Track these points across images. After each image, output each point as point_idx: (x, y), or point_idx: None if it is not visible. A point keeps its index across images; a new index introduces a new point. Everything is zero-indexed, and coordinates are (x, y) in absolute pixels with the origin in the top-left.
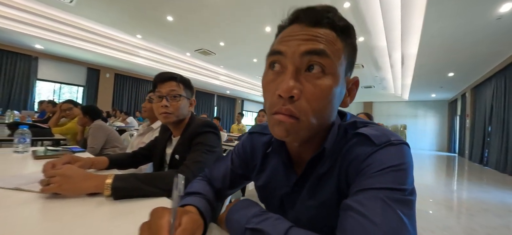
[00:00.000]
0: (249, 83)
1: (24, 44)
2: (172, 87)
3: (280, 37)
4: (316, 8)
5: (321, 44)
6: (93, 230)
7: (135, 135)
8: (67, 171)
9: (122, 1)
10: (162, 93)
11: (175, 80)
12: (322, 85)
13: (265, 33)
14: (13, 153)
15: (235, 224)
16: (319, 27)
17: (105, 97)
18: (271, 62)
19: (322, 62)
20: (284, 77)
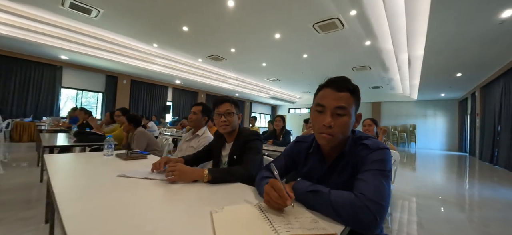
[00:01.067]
0: (257, 86)
1: (51, 55)
2: (227, 108)
3: (321, 95)
4: (340, 79)
5: (343, 103)
6: (198, 199)
7: (183, 140)
8: (182, 167)
9: (143, 15)
10: (220, 112)
11: (229, 102)
12: (343, 121)
13: (275, 39)
14: (103, 156)
15: (300, 189)
16: (342, 92)
17: (123, 102)
18: (317, 109)
19: (343, 111)
20: (326, 117)
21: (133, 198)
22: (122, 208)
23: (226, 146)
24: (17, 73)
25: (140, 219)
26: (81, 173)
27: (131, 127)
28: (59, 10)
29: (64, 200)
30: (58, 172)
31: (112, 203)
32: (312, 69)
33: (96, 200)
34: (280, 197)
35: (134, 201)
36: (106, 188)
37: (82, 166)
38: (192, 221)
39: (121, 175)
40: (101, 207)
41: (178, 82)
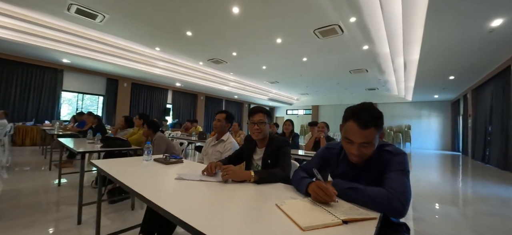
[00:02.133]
0: (256, 88)
1: (53, 59)
2: (260, 117)
3: (348, 129)
4: (365, 114)
5: (368, 139)
6: (247, 195)
7: (208, 144)
8: (233, 168)
9: (148, 20)
10: (254, 121)
11: (262, 113)
12: (369, 150)
13: (276, 43)
14: (144, 161)
15: (339, 187)
16: (367, 130)
17: (123, 105)
18: (346, 140)
19: (368, 144)
20: (353, 148)
21: (207, 195)
22: (209, 202)
23: (257, 151)
24: (18, 77)
25: (228, 211)
26: (145, 176)
27: (151, 132)
28: (64, 15)
29: (161, 199)
30: (124, 175)
31: (198, 199)
32: (311, 72)
33: (184, 197)
34: (327, 195)
35: (211, 197)
36: (178, 187)
37: (136, 169)
38: (264, 211)
39: (179, 178)
40: (192, 203)
41: (178, 85)
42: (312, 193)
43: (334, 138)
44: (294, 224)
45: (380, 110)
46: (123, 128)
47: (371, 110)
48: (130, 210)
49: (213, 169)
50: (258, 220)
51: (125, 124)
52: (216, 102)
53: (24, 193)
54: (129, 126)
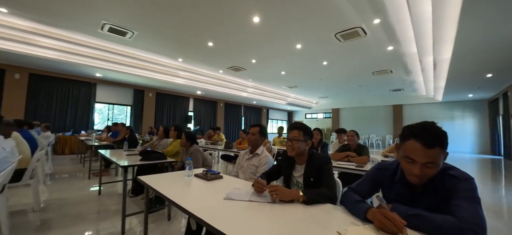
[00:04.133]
0: (274, 93)
1: (87, 74)
2: (295, 134)
3: (410, 147)
4: (430, 133)
5: (432, 159)
6: (301, 219)
7: (242, 158)
8: (281, 188)
9: (172, 34)
10: (289, 137)
11: (298, 129)
12: (432, 171)
13: (296, 49)
14: (186, 177)
15: (400, 213)
16: (432, 149)
17: (149, 114)
18: (407, 159)
19: (432, 165)
20: (415, 168)
21: (262, 219)
22: (267, 229)
23: (296, 167)
24: (58, 91)
25: None
26: (194, 195)
27: (188, 144)
28: (98, 33)
29: (222, 224)
30: (171, 192)
31: (255, 224)
32: (331, 75)
33: (241, 220)
34: (396, 226)
35: (268, 223)
36: (230, 208)
37: (182, 186)
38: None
39: (227, 198)
40: (251, 228)
41: (199, 92)
42: (376, 221)
43: (365, 146)
44: None
45: (442, 128)
46: (161, 138)
47: (436, 129)
48: (166, 221)
49: (263, 188)
50: None
51: (163, 135)
52: (235, 108)
53: (69, 202)
54: (166, 136)
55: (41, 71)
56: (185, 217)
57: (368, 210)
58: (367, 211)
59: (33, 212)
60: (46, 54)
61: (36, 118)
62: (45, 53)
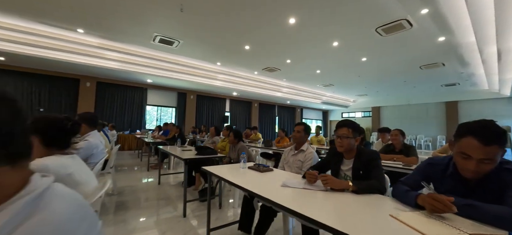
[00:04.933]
0: (309, 92)
1: (140, 80)
2: (344, 132)
3: (466, 144)
4: (489, 131)
5: (490, 156)
6: (355, 203)
7: (287, 154)
8: (332, 178)
9: (212, 41)
10: (338, 134)
11: (347, 127)
12: (489, 167)
13: (332, 47)
14: (241, 169)
15: (456, 202)
16: (490, 146)
17: (190, 115)
18: (462, 155)
19: (489, 161)
20: (471, 164)
21: (325, 202)
22: (331, 208)
23: (344, 162)
24: (117, 96)
25: (351, 217)
26: (258, 183)
27: (235, 141)
28: (150, 44)
29: (302, 208)
30: (238, 180)
31: (320, 205)
32: (371, 71)
33: (312, 204)
34: (446, 205)
35: (329, 205)
36: (293, 194)
37: (243, 176)
38: (382, 219)
39: (284, 185)
40: (321, 209)
41: (235, 94)
42: (427, 204)
43: (412, 146)
44: (416, 233)
45: (501, 127)
46: (213, 135)
47: (494, 127)
48: (218, 208)
49: (315, 178)
50: (384, 227)
51: (215, 132)
52: (269, 108)
53: (137, 189)
54: (217, 134)
55: (106, 80)
56: (233, 206)
57: (418, 196)
58: (417, 197)
59: (111, 195)
60: (110, 65)
61: (102, 119)
62: (109, 64)
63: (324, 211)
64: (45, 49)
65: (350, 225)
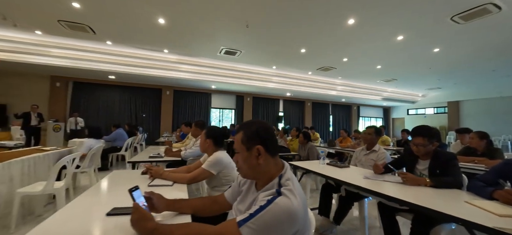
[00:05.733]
0: (367, 89)
1: (206, 87)
2: (419, 141)
3: None
4: None
5: None
6: (427, 190)
7: (359, 153)
8: (409, 174)
9: (270, 48)
10: (414, 143)
11: (422, 137)
12: None
13: (396, 41)
14: (320, 164)
15: None
16: None
17: (248, 116)
18: None
19: None
20: None
21: (400, 189)
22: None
23: (420, 162)
24: (188, 101)
25: (429, 200)
26: (345, 175)
27: (305, 141)
28: (216, 56)
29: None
30: (334, 174)
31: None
32: (446, 62)
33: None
34: None
35: (405, 190)
36: (370, 184)
37: (329, 169)
38: (460, 203)
39: (366, 178)
40: (400, 193)
41: (288, 94)
42: (502, 198)
43: (498, 149)
44: (489, 213)
45: None
46: (282, 136)
47: None
48: None
49: (380, 170)
50: (459, 208)
51: (282, 133)
52: (322, 107)
53: None
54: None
55: (180, 88)
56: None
57: (494, 192)
58: (493, 192)
59: None
60: (184, 76)
61: (178, 121)
62: (184, 75)
63: (405, 195)
64: (141, 67)
65: (428, 204)
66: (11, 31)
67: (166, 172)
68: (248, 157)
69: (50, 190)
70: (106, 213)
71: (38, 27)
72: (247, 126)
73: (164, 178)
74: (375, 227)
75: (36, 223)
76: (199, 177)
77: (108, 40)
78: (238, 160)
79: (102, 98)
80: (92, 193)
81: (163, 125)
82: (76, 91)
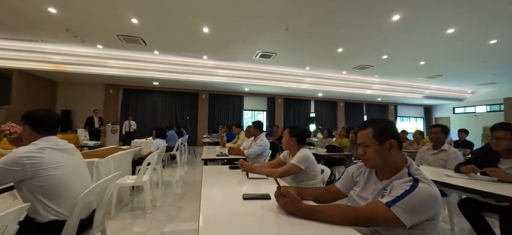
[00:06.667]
0: (407, 87)
1: (239, 89)
2: (500, 134)
3: None
4: None
5: None
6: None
7: (424, 153)
8: (499, 171)
9: (305, 49)
10: (494, 136)
11: (504, 130)
12: None
13: (446, 34)
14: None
15: None
16: None
17: (279, 117)
18: None
19: None
20: None
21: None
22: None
23: (502, 160)
24: (223, 103)
25: None
26: None
27: (355, 139)
28: (252, 59)
29: None
30: None
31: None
32: (502, 55)
33: None
34: None
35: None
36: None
37: None
38: None
39: (446, 176)
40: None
41: (320, 95)
42: None
43: None
44: None
45: None
46: (326, 137)
47: None
48: None
49: (472, 170)
50: None
51: (328, 134)
52: (356, 107)
53: None
54: (330, 136)
55: (215, 91)
56: None
57: None
58: None
59: None
60: (220, 80)
61: (213, 123)
62: (219, 79)
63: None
64: (181, 73)
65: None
66: (77, 46)
67: (257, 167)
68: (380, 150)
69: (140, 182)
70: (243, 197)
71: (100, 42)
72: (374, 122)
73: (256, 172)
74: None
75: (128, 210)
76: (290, 171)
77: (156, 50)
78: (366, 152)
79: (147, 102)
80: (208, 184)
81: (200, 127)
82: (126, 97)
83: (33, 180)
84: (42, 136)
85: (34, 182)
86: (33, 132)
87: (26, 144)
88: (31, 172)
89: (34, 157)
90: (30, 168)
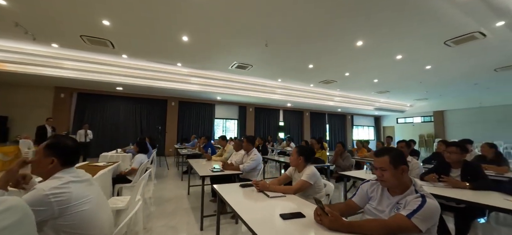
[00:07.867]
0: (362, 100)
1: (211, 98)
2: (453, 150)
3: None
4: None
5: None
6: (466, 191)
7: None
8: (452, 179)
9: (280, 63)
10: (448, 151)
11: (456, 146)
12: None
13: (395, 60)
14: (365, 172)
15: None
16: None
17: (250, 126)
18: None
19: None
20: None
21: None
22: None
23: (452, 170)
24: (194, 112)
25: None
26: None
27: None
28: (227, 70)
29: None
30: None
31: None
32: (435, 77)
33: None
34: None
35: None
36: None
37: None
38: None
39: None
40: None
41: (289, 104)
42: None
43: (503, 155)
44: None
45: None
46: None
47: None
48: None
49: (435, 179)
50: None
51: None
52: (319, 116)
53: None
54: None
55: (186, 99)
56: None
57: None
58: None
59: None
60: (192, 88)
61: (183, 132)
62: (192, 87)
63: (461, 195)
64: (148, 79)
65: (483, 201)
66: (26, 44)
67: (272, 185)
68: (396, 173)
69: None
70: (281, 216)
71: (56, 41)
72: (389, 151)
73: (271, 190)
74: None
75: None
76: (302, 187)
77: (125, 54)
78: (383, 174)
79: (107, 109)
80: (242, 206)
81: (169, 136)
82: (81, 102)
83: (60, 219)
84: (64, 167)
85: (60, 221)
86: (60, 165)
87: (44, 175)
88: (59, 211)
89: (62, 193)
90: (57, 206)
